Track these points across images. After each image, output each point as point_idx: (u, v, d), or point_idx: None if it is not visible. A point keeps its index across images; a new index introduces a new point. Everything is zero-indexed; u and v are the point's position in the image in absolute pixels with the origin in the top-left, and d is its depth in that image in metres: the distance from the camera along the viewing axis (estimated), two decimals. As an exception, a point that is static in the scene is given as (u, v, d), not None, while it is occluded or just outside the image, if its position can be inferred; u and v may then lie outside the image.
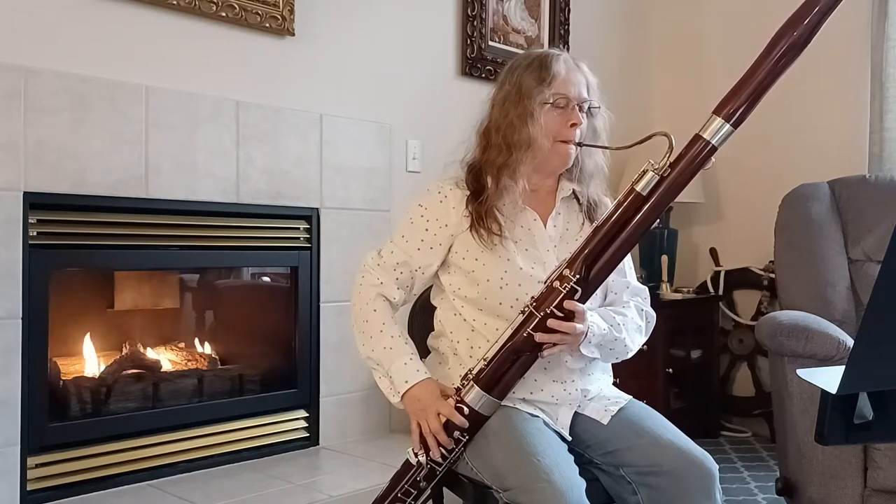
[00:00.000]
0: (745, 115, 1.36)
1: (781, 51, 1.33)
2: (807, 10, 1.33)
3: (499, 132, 1.54)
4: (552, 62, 1.53)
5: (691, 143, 1.39)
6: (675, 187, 1.40)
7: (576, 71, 1.55)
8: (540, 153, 1.53)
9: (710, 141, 1.37)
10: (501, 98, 1.56)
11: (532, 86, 1.52)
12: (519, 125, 1.52)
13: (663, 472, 1.41)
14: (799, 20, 1.33)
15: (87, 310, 2.56)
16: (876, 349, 0.84)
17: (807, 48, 1.34)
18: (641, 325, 1.60)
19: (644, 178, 1.40)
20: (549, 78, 1.52)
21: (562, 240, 1.58)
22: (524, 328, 1.42)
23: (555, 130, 1.52)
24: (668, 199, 1.42)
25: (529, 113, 1.51)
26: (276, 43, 2.63)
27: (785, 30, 1.34)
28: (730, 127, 1.36)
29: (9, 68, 2.06)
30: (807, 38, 1.33)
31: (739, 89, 1.36)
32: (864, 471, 2.05)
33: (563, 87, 1.52)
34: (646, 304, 1.64)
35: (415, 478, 1.47)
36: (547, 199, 1.61)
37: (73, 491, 2.17)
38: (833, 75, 3.36)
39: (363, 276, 1.60)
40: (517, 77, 1.55)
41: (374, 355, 1.54)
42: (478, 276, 1.53)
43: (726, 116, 1.36)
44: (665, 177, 1.40)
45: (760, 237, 3.35)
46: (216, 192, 2.46)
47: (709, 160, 1.39)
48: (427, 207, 1.58)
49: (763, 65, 1.35)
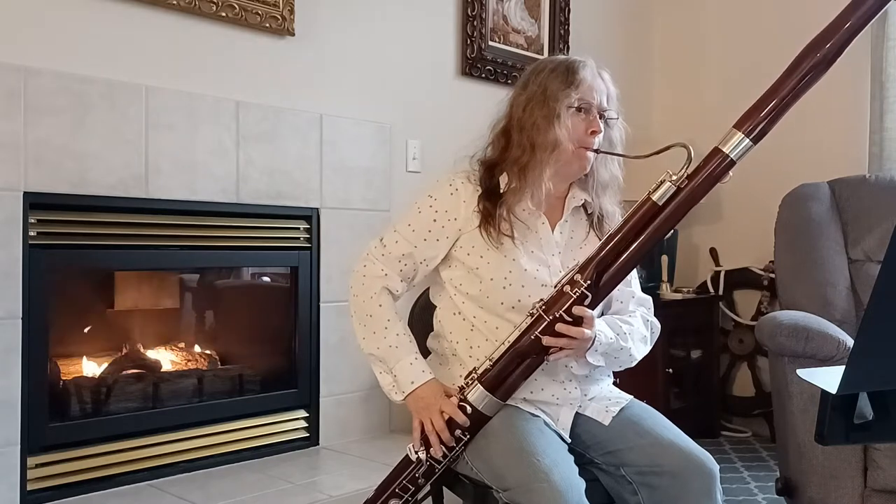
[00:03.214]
0: (766, 131, 1.35)
1: (807, 69, 1.33)
2: (834, 28, 1.32)
3: (522, 132, 1.54)
4: (579, 68, 1.53)
5: (710, 156, 1.39)
6: (691, 199, 1.40)
7: (599, 79, 1.55)
8: (563, 156, 1.52)
9: (730, 155, 1.36)
10: (525, 99, 1.55)
11: (558, 89, 1.52)
12: (544, 126, 1.51)
13: (664, 473, 1.41)
14: (826, 38, 1.32)
15: (87, 310, 2.56)
16: (876, 349, 0.84)
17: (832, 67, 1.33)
18: (646, 335, 1.60)
19: (661, 188, 1.40)
20: (577, 82, 1.52)
21: (566, 247, 1.58)
22: (532, 331, 1.41)
23: (578, 135, 1.52)
24: (683, 210, 1.41)
25: (556, 115, 1.50)
26: (276, 43, 2.63)
27: (811, 48, 1.33)
28: (749, 142, 1.35)
29: (9, 68, 2.06)
30: (833, 56, 1.32)
31: (762, 105, 1.35)
32: (864, 471, 2.05)
33: (588, 94, 1.53)
34: (650, 314, 1.64)
35: (413, 474, 1.48)
36: (556, 204, 1.60)
37: (73, 491, 2.17)
38: (833, 75, 3.33)
39: (365, 265, 1.59)
40: (542, 79, 1.54)
41: (378, 353, 1.54)
42: (481, 273, 1.52)
43: (747, 132, 1.35)
44: (682, 188, 1.39)
45: (760, 237, 3.36)
46: (216, 192, 2.46)
47: (726, 174, 1.38)
48: (437, 198, 1.57)
49: (786, 82, 1.34)
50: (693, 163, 1.40)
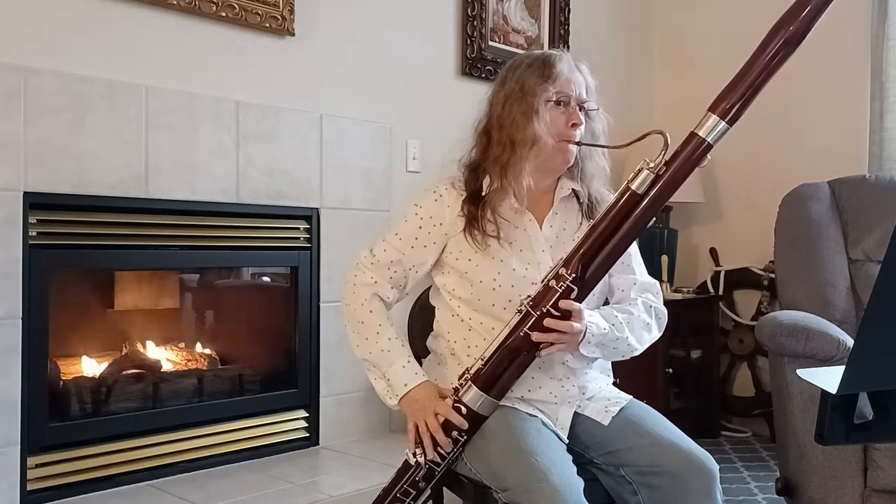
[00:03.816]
0: (741, 112, 1.35)
1: (776, 47, 1.33)
2: (802, 5, 1.32)
3: (502, 130, 1.53)
4: (555, 61, 1.53)
5: (687, 141, 1.39)
6: (670, 185, 1.40)
7: (576, 72, 1.55)
8: (544, 151, 1.52)
9: (706, 138, 1.36)
10: (503, 96, 1.55)
11: (536, 83, 1.52)
12: (523, 122, 1.51)
13: (664, 473, 1.41)
14: (794, 16, 1.32)
15: (87, 310, 2.56)
16: (876, 349, 0.84)
17: (801, 44, 1.33)
18: (650, 323, 1.58)
19: (639, 176, 1.40)
20: (554, 76, 1.51)
21: (558, 240, 1.57)
22: (521, 328, 1.41)
23: (558, 129, 1.52)
24: (664, 197, 1.41)
25: (534, 110, 1.50)
26: (276, 43, 2.63)
27: (780, 25, 1.33)
28: (725, 124, 1.36)
29: (9, 68, 2.06)
30: (802, 33, 1.32)
31: (734, 86, 1.36)
32: (864, 471, 2.05)
33: (566, 86, 1.52)
34: (657, 299, 1.61)
35: (413, 478, 1.47)
36: (543, 199, 1.60)
37: (73, 491, 2.17)
38: (833, 75, 3.36)
39: (356, 275, 1.59)
40: (519, 75, 1.54)
41: (371, 358, 1.54)
42: (471, 276, 1.52)
43: (722, 113, 1.35)
44: (661, 175, 1.39)
45: (760, 237, 3.36)
46: (216, 192, 2.46)
47: (704, 157, 1.38)
48: (422, 206, 1.58)
49: (758, 61, 1.34)
50: (670, 149, 1.40)
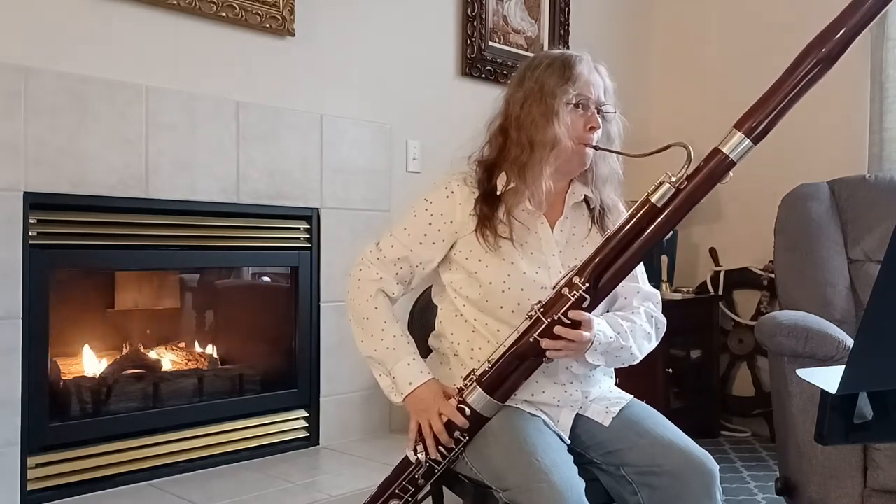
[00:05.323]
0: (767, 131, 1.32)
1: (808, 67, 1.30)
2: (837, 25, 1.29)
3: (520, 130, 1.52)
4: (576, 62, 1.52)
5: (710, 157, 1.36)
6: (690, 200, 1.38)
7: (595, 73, 1.54)
8: (563, 153, 1.50)
9: (729, 155, 1.34)
10: (522, 96, 1.53)
11: (556, 85, 1.50)
12: (542, 124, 1.49)
13: (664, 472, 1.41)
14: (828, 36, 1.29)
15: (87, 310, 2.56)
16: (876, 349, 0.84)
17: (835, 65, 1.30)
18: (650, 332, 1.58)
19: (660, 189, 1.38)
20: (574, 77, 1.50)
21: (567, 244, 1.56)
22: (530, 333, 1.40)
23: (577, 132, 1.50)
24: (682, 212, 1.39)
25: (554, 112, 1.48)
26: (276, 43, 2.63)
27: (813, 45, 1.30)
28: (750, 142, 1.32)
29: (9, 68, 2.06)
30: (836, 55, 1.29)
31: (762, 105, 1.32)
32: (864, 471, 2.05)
33: (586, 89, 1.51)
34: (657, 309, 1.61)
35: (413, 475, 1.47)
36: (556, 201, 1.58)
37: (73, 491, 2.17)
38: (833, 75, 3.33)
39: (361, 270, 1.58)
40: (539, 75, 1.52)
41: (377, 355, 1.54)
42: (480, 277, 1.51)
43: (747, 131, 1.32)
44: (681, 189, 1.37)
45: (760, 237, 3.36)
46: (216, 192, 2.46)
47: (726, 175, 1.36)
48: (432, 202, 1.56)
49: (788, 80, 1.31)
50: (693, 163, 1.38)
